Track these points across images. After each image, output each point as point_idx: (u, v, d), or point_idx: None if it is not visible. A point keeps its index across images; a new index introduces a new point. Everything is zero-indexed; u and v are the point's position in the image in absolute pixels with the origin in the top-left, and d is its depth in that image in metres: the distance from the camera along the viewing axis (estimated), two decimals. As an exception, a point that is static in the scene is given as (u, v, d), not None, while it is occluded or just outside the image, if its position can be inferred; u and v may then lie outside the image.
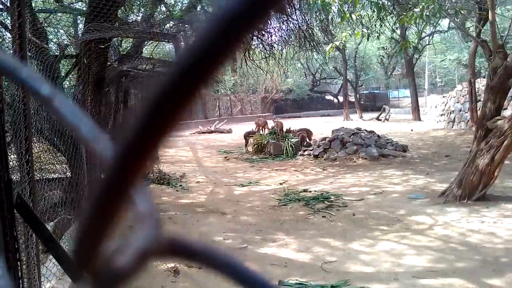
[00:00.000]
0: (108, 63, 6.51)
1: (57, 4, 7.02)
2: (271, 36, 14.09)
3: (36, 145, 3.71)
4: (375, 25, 11.45)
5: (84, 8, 7.07)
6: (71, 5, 7.67)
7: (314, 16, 11.39)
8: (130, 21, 8.72)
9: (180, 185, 9.04)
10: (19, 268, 2.09)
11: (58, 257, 2.21)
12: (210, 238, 5.36)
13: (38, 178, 3.19)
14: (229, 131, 23.17)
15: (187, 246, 0.32)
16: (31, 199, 2.37)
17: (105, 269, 0.28)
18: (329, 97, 42.72)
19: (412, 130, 19.58)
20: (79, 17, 7.59)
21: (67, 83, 6.35)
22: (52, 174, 4.20)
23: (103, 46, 5.51)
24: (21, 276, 2.14)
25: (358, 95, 33.95)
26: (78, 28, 7.25)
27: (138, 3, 8.90)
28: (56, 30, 7.26)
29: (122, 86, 8.16)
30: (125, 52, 8.41)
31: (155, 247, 0.29)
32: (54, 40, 6.91)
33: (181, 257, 0.33)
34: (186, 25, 9.99)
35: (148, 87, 0.24)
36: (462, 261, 4.53)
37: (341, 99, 35.98)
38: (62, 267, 2.38)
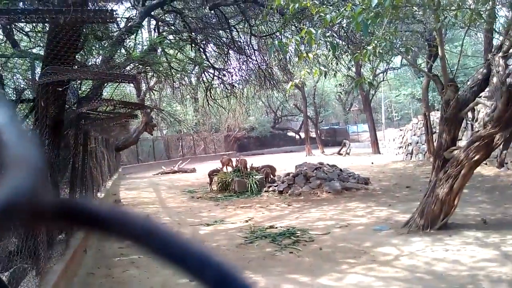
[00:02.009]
0: (67, 105, 6.38)
1: (14, 49, 6.90)
2: (232, 76, 14.35)
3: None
4: (331, 63, 11.92)
5: (42, 52, 6.98)
6: (29, 50, 7.55)
7: (272, 56, 11.72)
8: (90, 63, 8.67)
9: (144, 228, 8.77)
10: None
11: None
12: (175, 281, 5.18)
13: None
14: (193, 171, 22.95)
15: (86, 208, 0.25)
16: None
17: None
18: (291, 133, 43.44)
19: (372, 163, 20.07)
20: (36, 61, 7.48)
21: (24, 127, 6.16)
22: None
23: (61, 89, 5.42)
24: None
25: (319, 131, 34.69)
26: (36, 72, 7.13)
27: (97, 46, 8.89)
28: (12, 74, 7.10)
29: (81, 129, 7.98)
30: (84, 94, 8.30)
31: (25, 203, 0.22)
32: (10, 85, 6.74)
33: (75, 223, 0.26)
34: (147, 67, 10.02)
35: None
36: (429, 290, 4.57)
37: (302, 135, 36.65)
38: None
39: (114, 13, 3.74)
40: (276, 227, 8.04)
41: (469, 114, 7.39)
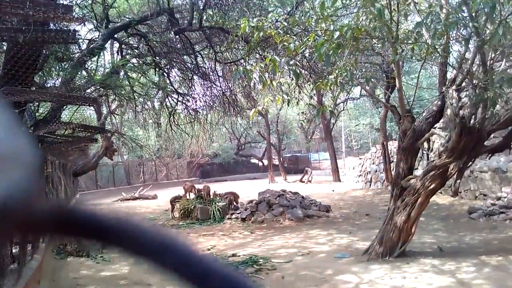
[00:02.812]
0: (23, 128, 6.14)
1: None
2: (196, 101, 14.33)
3: None
4: (294, 91, 12.13)
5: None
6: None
7: (237, 82, 11.83)
8: (49, 85, 8.43)
9: (101, 257, 8.42)
10: None
11: None
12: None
13: None
14: (154, 197, 22.45)
15: (89, 216, 0.21)
16: None
17: None
18: (254, 160, 43.50)
19: (333, 190, 20.33)
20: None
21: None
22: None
23: (17, 110, 5.22)
24: None
25: (281, 158, 34.94)
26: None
27: (58, 67, 8.69)
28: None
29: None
30: (42, 117, 8.03)
31: (17, 207, 0.18)
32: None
33: (75, 233, 0.22)
34: (108, 90, 9.85)
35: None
36: (389, 317, 4.59)
37: (265, 162, 36.77)
38: None
39: (76, 33, 3.67)
40: (239, 255, 7.93)
41: (425, 144, 7.66)
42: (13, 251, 5.15)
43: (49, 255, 7.51)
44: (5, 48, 5.78)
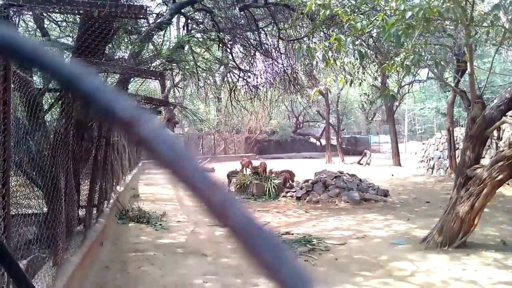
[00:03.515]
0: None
1: (43, 38, 7.03)
2: (257, 78, 14.34)
3: (13, 178, 3.60)
4: (357, 71, 11.80)
5: (71, 43, 7.10)
6: (58, 39, 7.69)
7: (299, 61, 11.68)
8: (117, 57, 8.78)
9: (160, 225, 8.83)
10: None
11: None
12: (189, 281, 5.18)
13: (13, 214, 3.08)
14: (212, 170, 23.04)
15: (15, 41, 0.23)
16: (5, 235, 2.27)
17: None
18: (312, 139, 43.20)
19: (392, 175, 19.78)
20: (65, 51, 7.61)
21: (50, 116, 6.27)
22: (28, 210, 4.06)
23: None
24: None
25: (340, 139, 34.40)
26: (65, 63, 7.24)
27: (126, 40, 9.01)
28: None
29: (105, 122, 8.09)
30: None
31: None
32: (37, 72, 6.87)
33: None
34: (174, 64, 10.11)
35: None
36: (445, 310, 4.46)
37: (323, 142, 36.39)
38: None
39: (147, 9, 3.77)
40: (293, 234, 7.99)
41: (495, 133, 7.20)
42: (80, 214, 5.52)
43: (112, 220, 7.97)
44: (79, 20, 6.08)
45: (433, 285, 5.22)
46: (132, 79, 9.25)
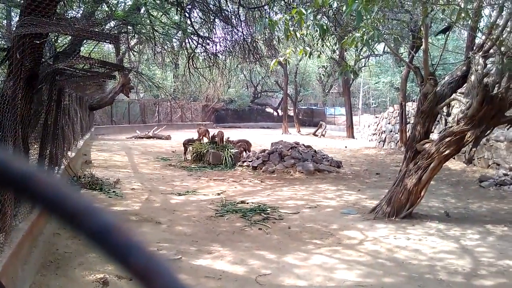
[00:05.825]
0: (43, 59, 6.14)
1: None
2: (216, 45, 14.08)
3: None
4: (316, 44, 11.84)
5: (20, 0, 6.64)
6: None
7: (260, 32, 11.54)
8: (69, 17, 8.32)
9: (114, 192, 8.70)
10: None
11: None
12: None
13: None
14: (168, 138, 22.74)
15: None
16: None
17: None
18: (269, 109, 43.41)
19: (346, 147, 20.35)
20: (13, 8, 7.12)
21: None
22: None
23: (38, 42, 5.20)
24: None
25: (297, 110, 34.77)
26: (13, 21, 6.81)
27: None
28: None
29: (56, 85, 7.73)
30: (61, 50, 8.00)
31: None
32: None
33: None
34: (129, 27, 9.72)
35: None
36: (390, 276, 4.73)
37: (280, 112, 36.67)
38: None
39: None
40: (248, 203, 8.11)
41: (444, 109, 7.54)
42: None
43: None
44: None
45: (380, 253, 5.50)
46: (84, 41, 8.83)
